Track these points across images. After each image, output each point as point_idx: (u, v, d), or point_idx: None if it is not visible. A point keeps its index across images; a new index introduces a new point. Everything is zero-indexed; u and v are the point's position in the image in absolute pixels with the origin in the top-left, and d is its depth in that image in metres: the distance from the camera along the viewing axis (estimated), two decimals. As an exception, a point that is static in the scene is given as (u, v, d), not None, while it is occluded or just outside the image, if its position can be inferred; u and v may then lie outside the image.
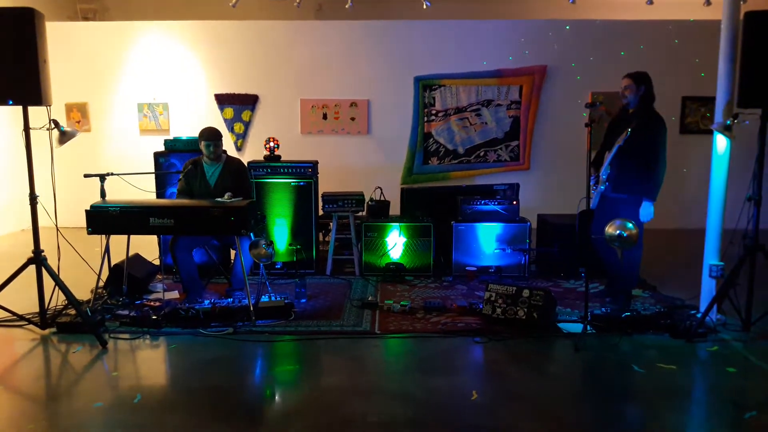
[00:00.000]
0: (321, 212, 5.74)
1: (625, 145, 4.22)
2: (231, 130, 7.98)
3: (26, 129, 3.97)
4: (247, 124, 8.03)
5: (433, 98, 7.88)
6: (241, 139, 8.05)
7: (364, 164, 7.96)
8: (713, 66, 4.26)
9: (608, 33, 7.74)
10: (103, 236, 4.43)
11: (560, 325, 4.20)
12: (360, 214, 5.81)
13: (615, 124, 4.56)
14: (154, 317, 4.19)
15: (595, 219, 4.58)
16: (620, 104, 4.55)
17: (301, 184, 5.53)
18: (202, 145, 4.70)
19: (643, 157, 4.29)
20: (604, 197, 4.48)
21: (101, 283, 4.66)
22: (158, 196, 5.49)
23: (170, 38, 7.95)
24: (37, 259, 4.06)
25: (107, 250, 4.53)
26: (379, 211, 5.83)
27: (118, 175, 4.72)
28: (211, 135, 4.69)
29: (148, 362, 3.73)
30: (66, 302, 4.22)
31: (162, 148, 5.56)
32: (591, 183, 4.40)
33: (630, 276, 4.61)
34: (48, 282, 4.08)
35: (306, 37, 7.90)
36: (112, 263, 4.82)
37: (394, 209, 6.06)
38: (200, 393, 3.26)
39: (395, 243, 5.56)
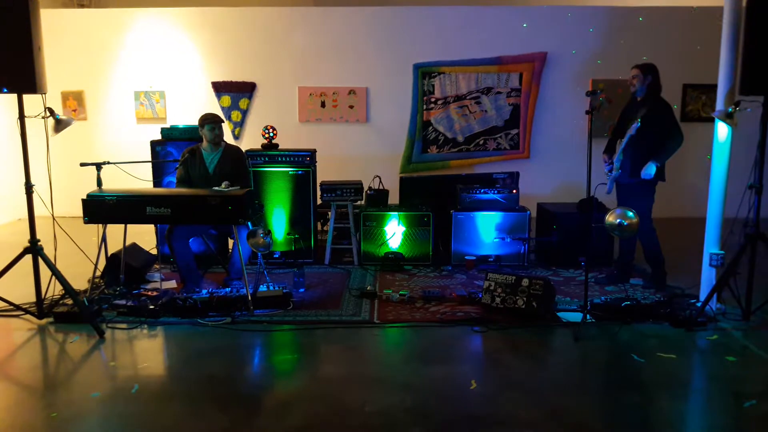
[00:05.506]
0: (319, 201, 5.71)
1: (636, 134, 4.35)
2: (228, 118, 7.92)
3: (21, 117, 3.94)
4: (244, 113, 7.98)
5: (433, 86, 7.81)
6: (238, 128, 8.00)
7: (362, 153, 7.91)
8: (715, 53, 4.23)
9: (610, 19, 7.67)
10: (100, 225, 4.40)
11: (560, 314, 4.19)
12: (359, 203, 5.78)
13: (626, 112, 4.73)
14: (151, 307, 4.17)
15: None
16: (628, 92, 4.74)
17: (299, 172, 5.50)
18: (206, 129, 4.70)
19: (655, 143, 4.46)
20: (618, 183, 4.66)
21: (98, 273, 4.64)
22: (155, 184, 5.46)
23: (167, 25, 7.87)
24: (34, 248, 4.04)
25: (104, 239, 4.50)
26: (378, 200, 5.80)
27: (114, 163, 4.67)
28: (215, 118, 4.74)
29: (146, 352, 3.72)
30: (63, 292, 4.21)
31: (159, 137, 5.52)
32: (606, 170, 4.69)
33: (654, 254, 4.72)
34: (45, 271, 4.07)
35: (304, 24, 7.83)
36: (109, 253, 4.79)
37: (393, 198, 6.03)
38: (198, 383, 3.25)
39: (394, 232, 5.53)
